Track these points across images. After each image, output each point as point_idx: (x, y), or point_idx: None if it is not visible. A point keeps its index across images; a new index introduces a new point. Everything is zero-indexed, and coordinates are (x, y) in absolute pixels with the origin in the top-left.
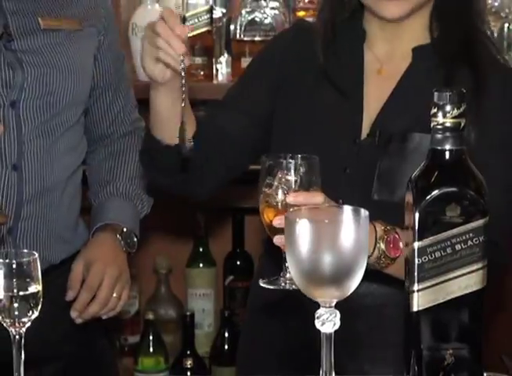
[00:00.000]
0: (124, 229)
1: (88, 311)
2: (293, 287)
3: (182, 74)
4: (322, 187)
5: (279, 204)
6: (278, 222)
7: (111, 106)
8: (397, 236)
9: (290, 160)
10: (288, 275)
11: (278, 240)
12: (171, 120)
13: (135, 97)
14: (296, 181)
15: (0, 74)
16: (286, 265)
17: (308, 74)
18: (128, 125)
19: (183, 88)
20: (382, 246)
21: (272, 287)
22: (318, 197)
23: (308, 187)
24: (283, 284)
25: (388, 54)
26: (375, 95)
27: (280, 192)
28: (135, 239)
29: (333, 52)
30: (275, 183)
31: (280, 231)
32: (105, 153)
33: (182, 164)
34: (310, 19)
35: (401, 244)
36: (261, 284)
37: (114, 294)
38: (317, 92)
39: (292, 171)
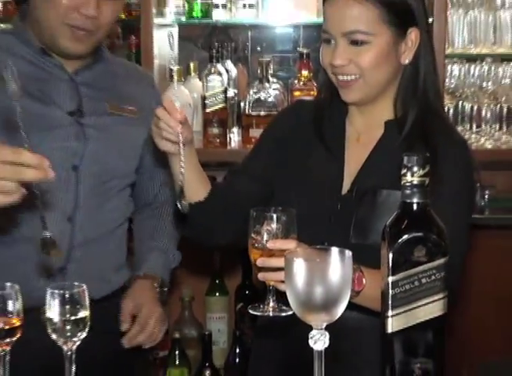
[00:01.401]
0: (160, 280)
1: (137, 340)
2: (276, 313)
3: (181, 145)
4: (309, 233)
5: (263, 247)
6: (260, 262)
7: (155, 179)
8: (361, 273)
9: (273, 213)
10: (271, 303)
11: (261, 275)
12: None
13: None
14: (278, 228)
15: (68, 143)
16: (269, 296)
17: (303, 143)
18: (166, 195)
19: (182, 158)
20: None
21: (257, 313)
22: (291, 244)
23: (287, 233)
24: (266, 312)
25: (364, 126)
26: (354, 158)
27: (265, 237)
28: (166, 289)
29: (325, 123)
30: (261, 231)
31: (263, 269)
32: (147, 214)
33: (182, 217)
34: (304, 97)
35: (364, 281)
36: (249, 311)
37: (156, 329)
38: (309, 157)
39: (274, 220)
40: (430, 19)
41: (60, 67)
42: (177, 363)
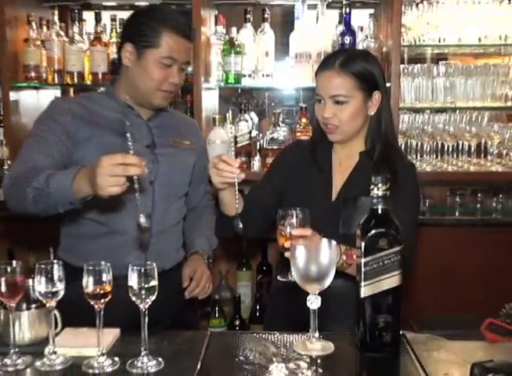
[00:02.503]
0: (207, 255)
1: (194, 293)
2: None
3: (236, 184)
4: (312, 226)
5: (287, 234)
6: (287, 244)
7: (199, 190)
8: (352, 252)
9: (293, 211)
10: (293, 273)
11: (287, 254)
12: (230, 205)
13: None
14: (297, 222)
15: (148, 166)
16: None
17: (303, 167)
18: (206, 201)
19: (236, 192)
20: (344, 257)
21: (284, 279)
22: (308, 231)
23: (303, 225)
24: (290, 278)
25: (344, 155)
26: (339, 177)
27: (288, 228)
28: (211, 260)
29: (317, 153)
30: (286, 223)
31: (288, 250)
32: (194, 215)
33: (237, 230)
34: (303, 137)
35: (354, 257)
36: (278, 278)
37: (207, 285)
38: (307, 177)
39: (294, 216)
40: (388, 84)
41: (138, 116)
42: (216, 315)
